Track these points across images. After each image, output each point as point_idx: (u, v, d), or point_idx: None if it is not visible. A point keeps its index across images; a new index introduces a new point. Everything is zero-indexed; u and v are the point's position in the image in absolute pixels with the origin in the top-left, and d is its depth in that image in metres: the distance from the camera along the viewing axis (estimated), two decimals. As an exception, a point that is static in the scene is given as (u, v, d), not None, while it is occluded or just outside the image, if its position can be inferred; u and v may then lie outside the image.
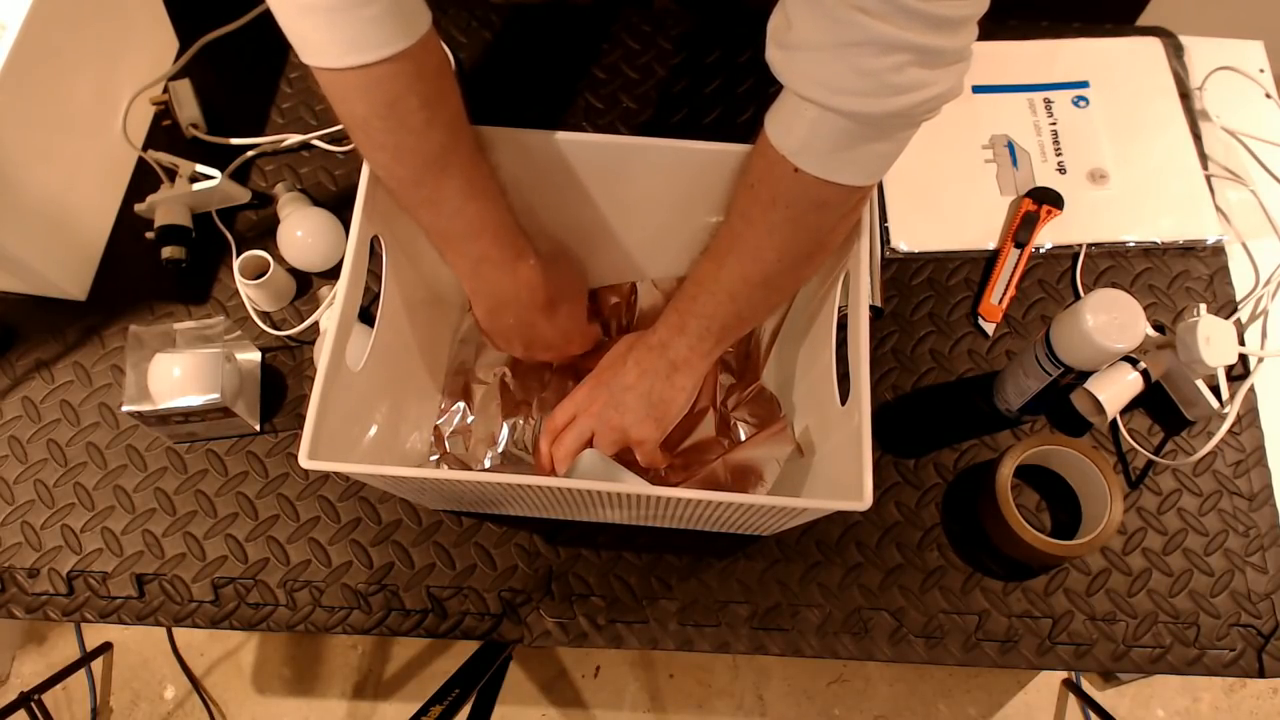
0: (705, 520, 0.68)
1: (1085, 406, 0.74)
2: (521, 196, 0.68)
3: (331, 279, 0.82)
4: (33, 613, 0.72)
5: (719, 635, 0.71)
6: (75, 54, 0.76)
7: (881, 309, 0.81)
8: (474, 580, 0.72)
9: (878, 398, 0.78)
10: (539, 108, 0.90)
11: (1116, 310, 0.62)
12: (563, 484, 0.56)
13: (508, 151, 0.65)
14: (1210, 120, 0.88)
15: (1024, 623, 0.71)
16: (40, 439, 0.77)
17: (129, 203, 0.84)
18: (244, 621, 0.71)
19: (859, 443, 0.55)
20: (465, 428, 0.76)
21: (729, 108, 0.90)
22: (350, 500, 0.74)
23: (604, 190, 0.69)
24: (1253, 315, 0.81)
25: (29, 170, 0.71)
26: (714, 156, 0.64)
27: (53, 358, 0.79)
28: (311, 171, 0.87)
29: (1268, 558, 0.73)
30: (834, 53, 0.48)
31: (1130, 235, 0.83)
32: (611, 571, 0.72)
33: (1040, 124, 0.88)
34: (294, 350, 0.80)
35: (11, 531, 0.74)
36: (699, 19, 0.94)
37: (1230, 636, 0.71)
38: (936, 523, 0.74)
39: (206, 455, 0.76)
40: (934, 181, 0.85)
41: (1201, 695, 1.36)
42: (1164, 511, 0.74)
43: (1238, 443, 0.76)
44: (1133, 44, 0.91)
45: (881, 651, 0.70)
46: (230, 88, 0.90)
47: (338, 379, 0.59)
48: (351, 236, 0.60)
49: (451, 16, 0.94)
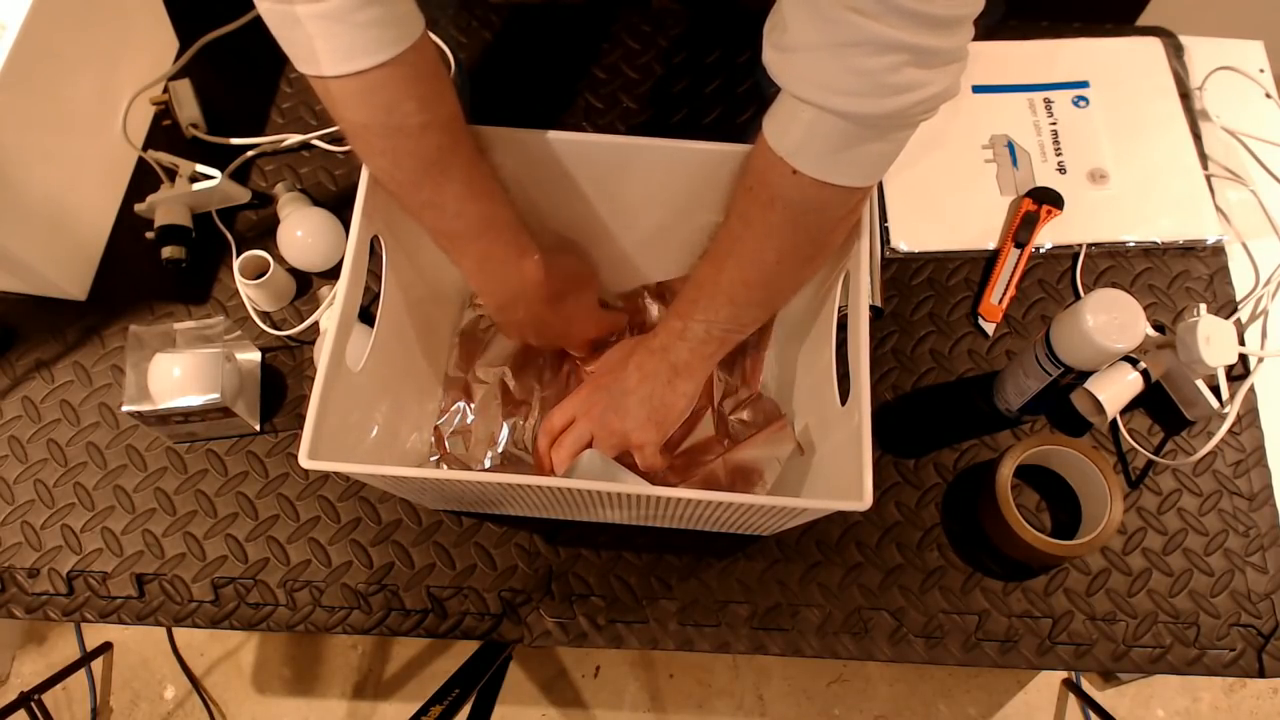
0: (705, 520, 0.68)
1: (1085, 406, 0.74)
2: (522, 196, 0.68)
3: (331, 279, 0.82)
4: (33, 613, 0.72)
5: (719, 635, 0.71)
6: (75, 54, 0.76)
7: (881, 309, 0.81)
8: (474, 580, 0.72)
9: (878, 398, 0.78)
10: (539, 108, 0.90)
11: (1116, 310, 0.62)
12: (563, 484, 0.56)
13: (508, 151, 0.65)
14: (1210, 120, 0.88)
15: (1024, 623, 0.71)
16: (40, 439, 0.77)
17: (129, 203, 0.84)
18: (244, 621, 0.71)
19: (859, 443, 0.55)
20: (465, 428, 0.76)
21: (729, 108, 0.90)
22: (350, 500, 0.74)
23: (604, 190, 0.69)
24: (1253, 315, 0.81)
25: (29, 170, 0.71)
26: (714, 156, 0.64)
27: (53, 358, 0.79)
28: (311, 171, 0.87)
29: (1268, 558, 0.73)
30: (829, 53, 0.48)
31: (1130, 235, 0.83)
32: (611, 571, 0.72)
33: (1040, 124, 0.88)
34: (294, 350, 0.80)
35: (11, 531, 0.74)
36: (699, 19, 0.94)
37: (1230, 636, 0.71)
38: (936, 523, 0.74)
39: (206, 455, 0.76)
40: (934, 181, 0.85)
41: (1201, 695, 1.36)
42: (1164, 511, 0.74)
43: (1238, 443, 0.76)
44: (1133, 44, 0.91)
45: (881, 651, 0.70)
46: (230, 88, 0.90)
47: (338, 379, 0.59)
48: (351, 236, 0.60)
49: (451, 16, 0.94)
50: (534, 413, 0.76)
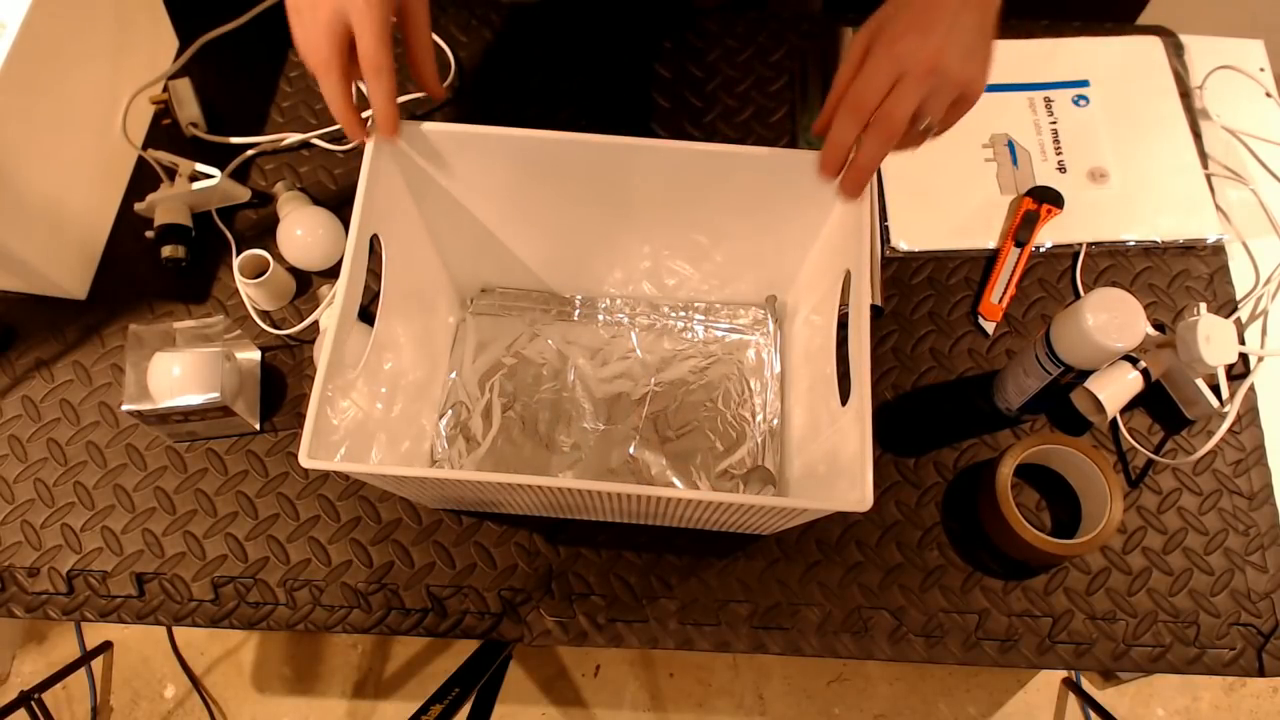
0: (705, 520, 0.68)
1: (1085, 405, 0.74)
2: (522, 196, 0.68)
3: (331, 278, 0.82)
4: (33, 612, 0.72)
5: (719, 634, 0.71)
6: (75, 53, 0.76)
7: (881, 308, 0.81)
8: (474, 579, 0.72)
9: (878, 397, 0.78)
10: (539, 108, 0.90)
11: (1116, 309, 0.62)
12: (563, 483, 0.56)
13: (508, 151, 0.65)
14: (1210, 119, 0.88)
15: (1024, 622, 0.71)
16: (40, 438, 0.77)
17: (129, 202, 0.84)
18: (244, 620, 0.72)
19: (859, 442, 0.55)
20: (465, 427, 0.76)
21: (729, 108, 0.90)
22: (350, 499, 0.74)
23: (604, 191, 0.68)
24: (1253, 314, 0.81)
25: (29, 169, 0.71)
26: (714, 157, 0.64)
27: (53, 357, 0.79)
28: (311, 170, 0.87)
29: (1267, 557, 0.73)
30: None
31: (1130, 234, 0.83)
32: (611, 571, 0.72)
33: (1040, 123, 0.88)
34: (294, 349, 0.80)
35: (11, 530, 0.74)
36: (698, 19, 0.94)
37: (1230, 635, 0.71)
38: (936, 522, 0.74)
39: (206, 454, 0.76)
40: (934, 180, 0.85)
41: (1201, 694, 1.37)
42: (1164, 511, 0.74)
43: (1238, 442, 0.76)
44: (1133, 43, 0.91)
45: (881, 650, 0.70)
46: (230, 87, 0.90)
47: (337, 378, 0.59)
48: (351, 235, 0.60)
49: (451, 16, 0.94)
50: (530, 410, 0.76)
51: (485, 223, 0.72)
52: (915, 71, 0.54)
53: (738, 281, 0.77)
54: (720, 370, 0.78)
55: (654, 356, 0.78)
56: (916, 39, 0.54)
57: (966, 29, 0.55)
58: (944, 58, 0.54)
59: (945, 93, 0.55)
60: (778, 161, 0.62)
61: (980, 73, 0.56)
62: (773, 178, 0.64)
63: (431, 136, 0.63)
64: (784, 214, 0.67)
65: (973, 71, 0.56)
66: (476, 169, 0.66)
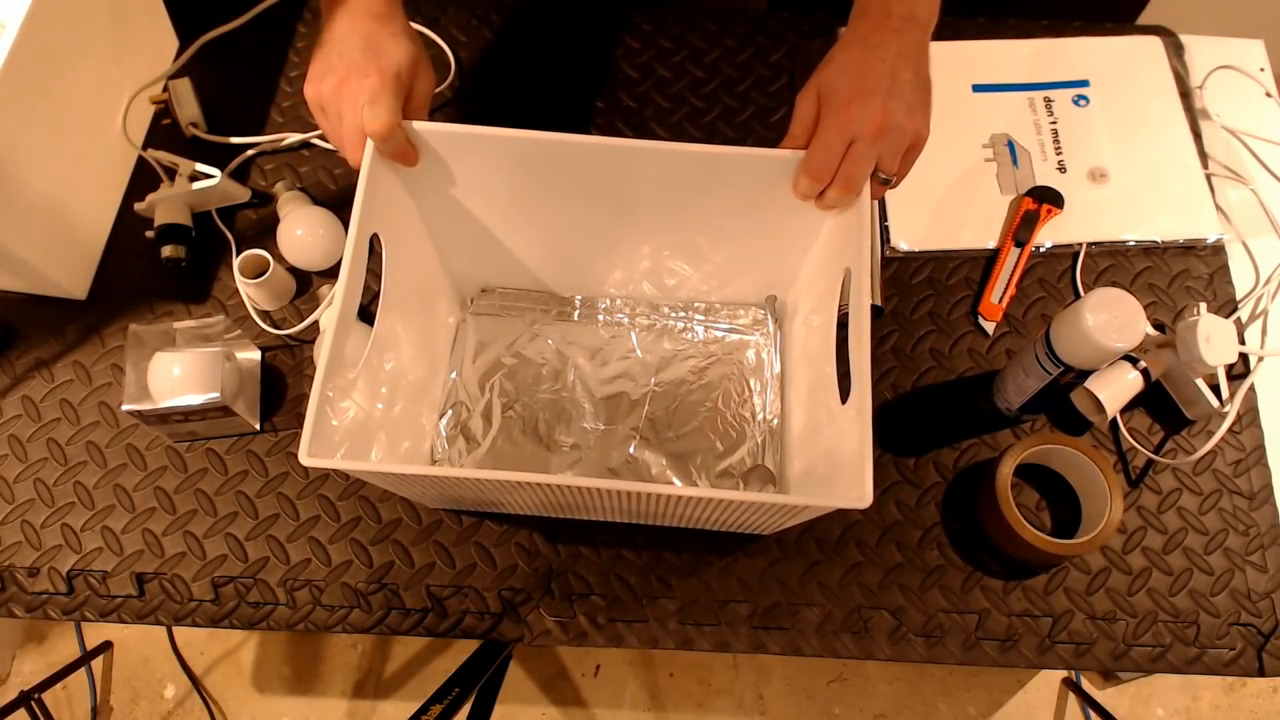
0: (705, 519, 0.68)
1: (1085, 405, 0.74)
2: (522, 197, 0.68)
3: (331, 278, 0.82)
4: (33, 612, 0.72)
5: (719, 634, 0.71)
6: (75, 53, 0.76)
7: (882, 308, 0.81)
8: (474, 579, 0.72)
9: (878, 397, 0.78)
10: (539, 108, 0.90)
11: (1116, 309, 0.62)
12: (562, 481, 0.56)
13: (508, 151, 0.65)
14: (1210, 119, 0.88)
15: (1024, 622, 0.71)
16: (40, 438, 0.77)
17: (129, 202, 0.84)
18: (244, 620, 0.72)
19: (859, 441, 0.55)
20: (465, 426, 0.76)
21: (729, 108, 0.90)
22: (350, 499, 0.74)
23: (604, 191, 0.68)
24: (1253, 314, 0.81)
25: (29, 169, 0.71)
26: (714, 157, 0.64)
27: (53, 357, 0.79)
28: (311, 170, 0.87)
29: (1267, 557, 0.73)
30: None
31: (1130, 234, 0.83)
32: (611, 570, 0.72)
33: (1040, 123, 0.88)
34: (294, 349, 0.80)
35: (11, 530, 0.74)
36: (698, 19, 0.94)
37: (1230, 635, 0.71)
38: (936, 522, 0.74)
39: (206, 454, 0.76)
40: (934, 181, 0.85)
41: (1201, 694, 1.37)
42: (1164, 510, 0.74)
43: (1238, 442, 0.76)
44: (1133, 43, 0.91)
45: (881, 650, 0.70)
46: (230, 87, 0.90)
47: (337, 378, 0.59)
48: (351, 235, 0.60)
49: (451, 16, 0.94)
50: (531, 411, 0.76)
51: (485, 223, 0.72)
52: (866, 135, 0.58)
53: (737, 281, 0.77)
54: (720, 370, 0.78)
55: (654, 356, 0.78)
56: (861, 105, 0.58)
57: (905, 85, 0.60)
58: (890, 117, 0.58)
59: (896, 147, 0.60)
60: (778, 162, 0.62)
61: (923, 122, 0.60)
62: (773, 178, 0.64)
63: (431, 137, 0.63)
64: (784, 214, 0.67)
65: (917, 123, 0.60)
66: (476, 169, 0.66)
